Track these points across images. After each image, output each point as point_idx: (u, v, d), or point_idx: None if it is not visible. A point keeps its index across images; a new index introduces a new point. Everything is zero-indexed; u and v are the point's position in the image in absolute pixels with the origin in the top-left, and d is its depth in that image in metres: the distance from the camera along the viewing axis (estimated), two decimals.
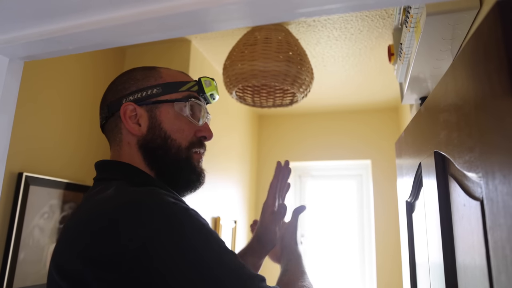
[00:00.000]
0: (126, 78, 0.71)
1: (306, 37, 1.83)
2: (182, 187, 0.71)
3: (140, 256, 0.48)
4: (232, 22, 0.60)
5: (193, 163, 0.70)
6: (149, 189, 0.57)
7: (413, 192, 1.10)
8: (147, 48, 1.95)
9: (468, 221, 0.65)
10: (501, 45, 0.50)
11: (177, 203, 0.55)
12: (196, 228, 0.53)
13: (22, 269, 1.28)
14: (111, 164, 0.69)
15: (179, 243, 0.50)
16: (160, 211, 0.52)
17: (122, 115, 0.67)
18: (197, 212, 0.56)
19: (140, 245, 0.49)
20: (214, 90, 0.75)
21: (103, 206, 0.55)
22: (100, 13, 0.61)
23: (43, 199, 1.40)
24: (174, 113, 0.69)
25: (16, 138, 1.33)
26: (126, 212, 0.52)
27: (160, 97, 0.69)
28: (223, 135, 2.38)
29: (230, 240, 2.44)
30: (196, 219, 0.54)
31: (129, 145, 0.68)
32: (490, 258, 0.54)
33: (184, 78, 0.73)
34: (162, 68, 0.73)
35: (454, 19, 0.88)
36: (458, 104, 0.67)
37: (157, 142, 0.68)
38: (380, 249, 2.71)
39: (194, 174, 0.71)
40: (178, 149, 0.68)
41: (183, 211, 0.54)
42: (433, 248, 0.85)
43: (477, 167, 0.58)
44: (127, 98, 0.69)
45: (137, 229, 0.50)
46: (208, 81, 0.74)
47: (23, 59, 0.70)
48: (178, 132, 0.69)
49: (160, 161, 0.68)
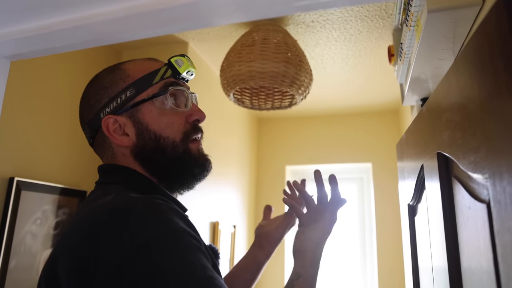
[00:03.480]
0: (95, 89, 0.66)
1: (305, 38, 1.81)
2: (188, 182, 0.67)
3: (114, 274, 0.46)
4: (225, 17, 0.58)
5: (193, 154, 0.66)
6: (143, 200, 0.54)
7: (415, 195, 1.07)
8: (143, 50, 1.93)
9: (474, 224, 0.62)
10: (508, 41, 0.47)
11: (168, 221, 0.51)
12: (179, 252, 0.49)
13: (13, 276, 1.25)
14: (114, 168, 0.66)
15: (157, 264, 0.46)
16: (142, 230, 0.48)
17: (106, 131, 0.64)
18: (188, 230, 0.52)
19: (116, 265, 0.46)
20: (189, 67, 0.68)
21: (94, 212, 0.53)
22: (87, 8, 0.59)
23: (35, 205, 1.36)
24: (157, 109, 0.65)
25: (7, 142, 1.30)
26: (110, 226, 0.49)
27: (136, 98, 0.64)
28: (221, 138, 2.36)
29: (229, 245, 2.40)
30: (183, 242, 0.50)
31: (124, 156, 0.65)
32: (498, 263, 0.51)
33: (153, 67, 0.67)
34: (127, 64, 0.67)
35: (456, 16, 0.86)
36: (462, 103, 0.64)
37: (150, 146, 0.64)
38: (381, 253, 2.68)
39: (197, 167, 0.67)
40: (173, 146, 0.64)
41: (170, 230, 0.50)
42: (437, 252, 0.82)
43: (483, 168, 0.55)
44: (104, 111, 0.64)
45: (117, 246, 0.47)
46: (179, 60, 0.67)
47: (9, 58, 0.68)
48: (168, 128, 0.65)
49: (159, 165, 0.65)
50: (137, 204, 0.52)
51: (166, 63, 0.67)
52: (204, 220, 2.06)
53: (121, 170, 0.65)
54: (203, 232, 2.04)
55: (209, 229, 2.11)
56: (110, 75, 0.66)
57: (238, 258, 2.56)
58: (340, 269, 2.94)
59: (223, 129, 2.40)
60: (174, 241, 0.49)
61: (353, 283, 2.88)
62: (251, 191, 2.96)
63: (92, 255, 0.48)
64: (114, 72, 0.66)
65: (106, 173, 0.67)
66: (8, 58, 0.68)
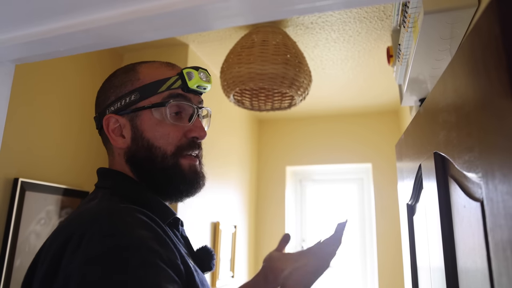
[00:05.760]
0: (108, 86, 0.68)
1: (304, 39, 1.82)
2: (174, 195, 0.66)
3: (64, 284, 0.47)
4: (225, 20, 0.59)
5: (182, 170, 0.64)
6: (111, 212, 0.54)
7: (414, 195, 1.08)
8: (145, 52, 1.95)
9: (469, 223, 0.63)
10: (500, 42, 0.48)
11: (125, 235, 0.50)
12: (123, 269, 0.47)
13: (18, 275, 1.26)
14: (107, 173, 0.68)
15: (101, 279, 0.46)
16: (97, 244, 0.48)
17: (105, 128, 0.65)
18: (149, 244, 0.51)
19: (66, 274, 0.48)
20: (199, 82, 0.65)
21: (73, 222, 0.55)
22: (89, 13, 0.60)
23: (39, 205, 1.38)
24: (156, 119, 0.64)
25: (11, 144, 1.32)
26: (77, 236, 0.50)
27: (139, 103, 0.64)
28: (222, 139, 2.37)
29: (230, 245, 2.41)
30: (135, 258, 0.48)
31: (119, 156, 0.67)
32: (491, 260, 0.52)
33: (165, 74, 0.65)
34: (142, 67, 0.67)
35: (452, 17, 0.87)
36: (457, 103, 0.65)
37: (141, 153, 0.64)
38: (381, 253, 2.69)
39: (183, 183, 0.65)
40: (162, 157, 0.63)
41: (121, 246, 0.49)
42: (434, 251, 0.83)
43: (477, 167, 0.56)
44: (109, 109, 0.66)
45: (74, 256, 0.48)
46: (191, 73, 0.65)
47: (14, 62, 0.69)
48: (162, 139, 0.63)
49: (148, 173, 0.64)
50: (102, 216, 0.53)
51: (178, 72, 0.66)
52: (205, 220, 2.08)
53: (113, 175, 0.66)
54: (204, 232, 2.06)
55: (210, 229, 2.13)
56: (123, 74, 0.67)
57: (238, 258, 2.57)
58: (340, 269, 2.94)
59: (224, 130, 2.41)
60: (122, 257, 0.48)
61: (354, 283, 2.88)
62: (251, 191, 2.97)
63: (58, 262, 0.50)
64: (128, 73, 0.67)
65: (100, 176, 0.69)
66: (12, 62, 0.69)
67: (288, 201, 3.06)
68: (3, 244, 1.24)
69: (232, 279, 2.41)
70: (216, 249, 2.15)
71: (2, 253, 1.23)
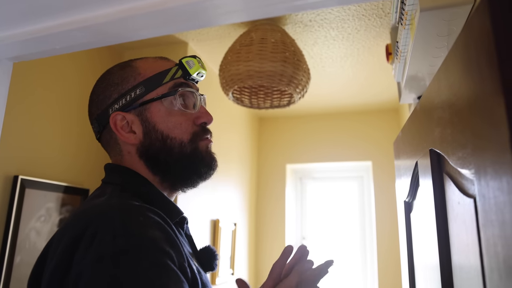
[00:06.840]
0: (105, 85, 0.67)
1: (303, 37, 1.82)
2: (193, 180, 0.67)
3: (75, 280, 0.48)
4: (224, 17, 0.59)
5: (201, 153, 0.66)
6: (123, 208, 0.54)
7: (411, 192, 1.08)
8: (144, 50, 1.95)
9: (463, 220, 0.63)
10: (491, 39, 0.48)
11: (136, 234, 0.50)
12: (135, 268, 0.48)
13: (19, 272, 1.28)
14: (116, 169, 0.68)
15: (113, 277, 0.46)
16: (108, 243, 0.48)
17: (113, 127, 0.65)
18: (159, 245, 0.51)
19: (77, 271, 0.48)
20: (199, 69, 0.68)
21: (83, 216, 0.55)
22: (87, 10, 0.60)
23: (39, 202, 1.39)
24: (166, 109, 0.65)
25: (11, 141, 1.32)
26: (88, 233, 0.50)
27: (145, 96, 0.65)
28: (222, 137, 2.38)
29: (230, 242, 2.42)
30: (147, 258, 0.49)
31: (129, 154, 0.66)
32: (483, 256, 0.52)
33: (164, 66, 0.67)
34: (138, 62, 0.68)
35: (449, 14, 0.87)
36: (451, 100, 0.66)
37: (156, 145, 0.65)
38: (381, 251, 2.69)
39: (203, 166, 0.67)
40: (181, 146, 0.65)
41: (133, 245, 0.49)
42: (430, 248, 0.84)
43: (470, 163, 0.56)
44: (113, 107, 0.65)
45: (85, 253, 0.48)
46: (190, 61, 0.67)
47: (12, 60, 0.70)
48: (176, 128, 0.65)
49: (164, 164, 0.65)
50: (114, 214, 0.53)
51: (177, 63, 0.68)
52: (205, 217, 2.08)
53: (122, 171, 0.66)
54: (203, 230, 2.07)
55: (209, 226, 2.14)
56: (120, 71, 0.67)
57: (238, 256, 2.58)
58: (340, 267, 2.95)
59: (224, 128, 2.42)
60: (133, 258, 0.48)
61: (354, 281, 2.89)
62: (251, 189, 2.98)
63: (70, 257, 0.50)
64: (125, 69, 0.67)
65: (109, 172, 0.68)
66: (10, 60, 0.70)
67: (288, 199, 3.07)
68: (3, 241, 1.25)
69: (232, 276, 2.42)
70: (216, 246, 2.16)
71: (2, 250, 1.24)
